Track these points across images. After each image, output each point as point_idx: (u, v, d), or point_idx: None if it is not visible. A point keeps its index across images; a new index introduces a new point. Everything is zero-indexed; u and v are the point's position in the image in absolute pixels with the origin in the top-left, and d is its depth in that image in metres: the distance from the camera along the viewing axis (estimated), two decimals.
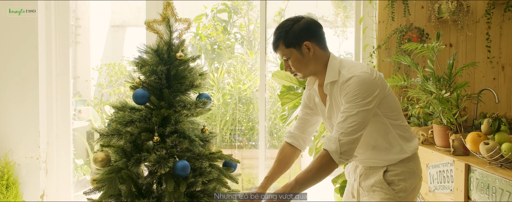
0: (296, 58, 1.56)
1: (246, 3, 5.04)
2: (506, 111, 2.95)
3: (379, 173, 1.61)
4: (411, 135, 1.63)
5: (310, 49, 1.54)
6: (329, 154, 1.44)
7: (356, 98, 1.45)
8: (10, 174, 2.74)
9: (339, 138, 1.43)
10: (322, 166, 1.45)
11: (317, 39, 1.57)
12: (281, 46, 1.56)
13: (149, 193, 1.72)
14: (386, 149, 1.60)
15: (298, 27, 1.55)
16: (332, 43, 5.53)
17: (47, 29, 2.93)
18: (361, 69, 1.50)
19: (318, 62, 1.57)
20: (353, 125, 1.43)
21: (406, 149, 1.59)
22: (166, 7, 1.80)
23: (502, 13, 2.93)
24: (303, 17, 1.58)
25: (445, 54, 2.92)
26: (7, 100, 2.83)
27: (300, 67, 1.57)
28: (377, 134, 1.59)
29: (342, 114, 1.47)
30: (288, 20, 1.59)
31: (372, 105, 1.46)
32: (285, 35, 1.54)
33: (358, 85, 1.46)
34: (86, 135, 4.77)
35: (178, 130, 1.75)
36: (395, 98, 1.60)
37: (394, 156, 1.59)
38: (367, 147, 1.62)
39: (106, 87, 5.08)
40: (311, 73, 1.60)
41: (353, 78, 1.47)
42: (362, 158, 1.66)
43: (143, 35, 3.09)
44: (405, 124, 1.62)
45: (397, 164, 1.60)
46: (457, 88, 2.18)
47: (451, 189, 2.05)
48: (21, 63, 2.83)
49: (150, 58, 1.80)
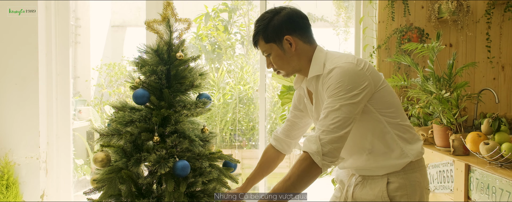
0: (277, 54, 1.40)
1: (247, 3, 5.04)
2: (506, 111, 2.94)
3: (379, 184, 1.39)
4: (413, 136, 1.40)
5: (292, 44, 1.38)
6: (310, 157, 1.24)
7: (339, 91, 1.27)
8: (10, 174, 2.74)
9: (320, 137, 1.24)
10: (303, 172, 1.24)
11: (300, 32, 1.40)
12: (261, 41, 1.42)
13: (149, 193, 1.73)
14: (385, 154, 1.38)
15: (278, 20, 1.39)
16: (332, 43, 5.53)
17: (47, 29, 2.93)
18: (345, 60, 1.32)
19: (301, 57, 1.41)
20: (336, 121, 1.24)
21: (407, 152, 1.37)
22: (166, 7, 1.80)
23: (502, 13, 2.93)
24: (284, 8, 1.42)
25: (445, 54, 2.92)
26: (7, 100, 2.83)
27: (282, 64, 1.42)
28: (373, 135, 1.38)
29: (324, 110, 1.28)
30: (267, 12, 1.43)
31: (359, 98, 1.27)
32: (264, 29, 1.40)
33: (340, 76, 1.28)
34: (86, 135, 4.77)
35: (178, 130, 1.75)
36: (392, 94, 1.40)
37: (394, 161, 1.37)
38: (363, 152, 1.42)
39: (106, 87, 5.08)
40: (295, 70, 1.44)
41: (335, 70, 1.30)
42: (357, 165, 1.45)
43: (143, 35, 3.09)
44: (405, 123, 1.40)
45: (399, 174, 1.37)
46: (457, 88, 2.18)
47: (451, 189, 2.05)
48: (21, 63, 2.83)
49: (150, 58, 1.80)
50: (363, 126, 1.37)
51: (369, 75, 1.32)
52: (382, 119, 1.37)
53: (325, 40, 5.41)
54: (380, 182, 1.39)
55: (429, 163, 2.27)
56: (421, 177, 1.40)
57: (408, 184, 1.37)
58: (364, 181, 1.45)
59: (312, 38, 1.44)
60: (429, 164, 2.27)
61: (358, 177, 1.47)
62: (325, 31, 5.45)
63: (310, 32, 1.45)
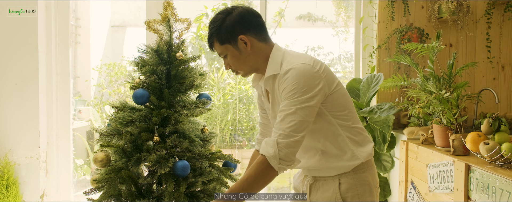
0: (233, 54, 1.40)
1: (247, 3, 5.04)
2: (506, 111, 2.95)
3: (332, 186, 1.42)
4: (364, 139, 1.43)
5: (247, 43, 1.37)
6: (267, 160, 1.26)
7: (294, 93, 1.27)
8: (10, 174, 2.74)
9: (277, 141, 1.26)
10: (259, 175, 1.27)
11: (254, 30, 1.39)
12: (216, 43, 1.41)
13: (149, 193, 1.72)
14: (337, 155, 1.40)
15: (230, 21, 1.37)
16: (332, 43, 5.53)
17: (47, 29, 2.93)
18: (302, 61, 1.32)
19: (258, 56, 1.40)
20: (292, 125, 1.25)
21: (358, 155, 1.40)
22: (166, 7, 1.80)
23: (502, 13, 2.93)
24: (236, 8, 1.40)
25: (445, 54, 2.92)
26: (7, 100, 2.83)
27: (239, 64, 1.41)
28: (325, 137, 1.40)
29: (280, 113, 1.29)
30: (219, 13, 1.41)
31: (314, 101, 1.28)
32: (218, 31, 1.38)
33: (296, 78, 1.28)
34: (86, 135, 4.77)
35: (178, 130, 1.75)
36: (345, 96, 1.41)
37: (345, 163, 1.40)
38: (315, 153, 1.44)
39: (106, 87, 5.08)
40: (252, 69, 1.44)
41: (291, 71, 1.29)
42: (310, 165, 1.47)
43: (143, 35, 3.09)
44: (357, 126, 1.42)
45: (349, 174, 1.40)
46: (457, 88, 2.18)
47: (451, 189, 2.05)
48: (21, 63, 2.83)
49: (150, 58, 1.80)
50: (316, 128, 1.38)
51: (324, 77, 1.32)
52: (335, 122, 1.38)
53: (324, 40, 5.41)
54: (332, 184, 1.42)
55: (429, 163, 2.27)
56: (370, 176, 1.44)
57: (358, 184, 1.40)
58: (316, 182, 1.47)
59: (267, 36, 1.44)
60: (429, 164, 2.27)
61: (310, 179, 1.49)
62: (324, 31, 5.45)
63: (265, 30, 1.43)
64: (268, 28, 1.51)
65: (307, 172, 1.52)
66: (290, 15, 5.27)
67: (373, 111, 2.60)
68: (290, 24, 5.33)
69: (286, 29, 5.30)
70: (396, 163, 2.72)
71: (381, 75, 2.71)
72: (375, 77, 2.74)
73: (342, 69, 5.40)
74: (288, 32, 5.48)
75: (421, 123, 2.57)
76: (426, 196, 2.31)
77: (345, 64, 5.41)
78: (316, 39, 5.56)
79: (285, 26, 5.13)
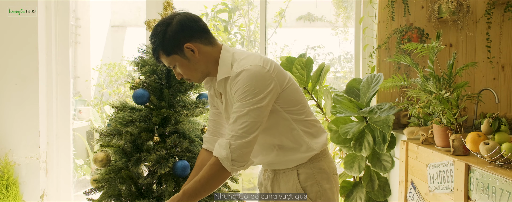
0: (182, 64, 1.38)
1: (247, 3, 5.04)
2: (506, 111, 2.94)
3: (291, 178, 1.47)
4: (318, 130, 1.48)
5: (194, 50, 1.36)
6: (220, 162, 1.29)
7: (246, 95, 1.29)
8: (10, 174, 2.74)
9: (230, 142, 1.28)
10: (212, 176, 1.29)
11: (198, 36, 1.37)
12: (162, 55, 1.38)
13: (149, 193, 1.72)
14: (293, 149, 1.45)
15: (171, 31, 1.35)
16: (332, 43, 5.53)
17: (47, 29, 2.93)
18: (252, 62, 1.33)
19: (208, 61, 1.40)
20: (244, 126, 1.28)
21: (313, 146, 1.45)
22: (166, 7, 1.80)
23: (502, 13, 2.93)
24: (174, 17, 1.38)
25: (445, 54, 2.92)
26: (7, 100, 2.83)
27: (190, 72, 1.40)
28: (280, 133, 1.44)
29: (233, 114, 1.31)
30: (158, 25, 1.39)
31: (266, 101, 1.30)
32: (162, 44, 1.36)
33: (247, 80, 1.29)
34: (86, 135, 4.77)
35: (178, 130, 1.75)
36: (297, 91, 1.44)
37: (302, 155, 1.45)
38: (272, 148, 1.47)
39: (106, 87, 5.08)
40: (204, 74, 1.43)
41: (242, 73, 1.30)
42: (268, 161, 1.51)
43: (143, 35, 3.09)
44: (310, 118, 1.46)
45: (306, 164, 1.46)
46: (457, 88, 2.18)
47: (451, 189, 2.05)
48: (21, 63, 2.83)
49: (150, 58, 1.80)
50: (271, 125, 1.41)
51: (275, 77, 1.34)
52: (288, 117, 1.42)
53: (324, 40, 5.41)
54: (291, 175, 1.47)
55: (429, 163, 2.27)
56: (326, 164, 1.48)
57: (316, 173, 1.46)
58: (276, 175, 1.51)
59: (212, 39, 1.42)
60: (429, 164, 2.27)
61: (270, 173, 1.53)
62: (324, 31, 5.45)
63: (209, 33, 1.42)
64: (268, 27, 1.51)
65: (266, 166, 1.56)
66: (290, 15, 5.27)
67: (373, 111, 2.60)
68: (290, 24, 5.34)
69: (286, 29, 5.30)
70: (396, 163, 2.73)
71: (381, 75, 2.71)
72: (375, 77, 2.74)
73: (342, 69, 5.40)
74: (288, 32, 5.49)
75: (421, 123, 2.57)
76: (426, 196, 2.31)
77: (345, 64, 5.42)
78: (316, 39, 5.56)
79: (285, 26, 5.14)
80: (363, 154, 2.67)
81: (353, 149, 2.71)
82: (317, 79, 2.93)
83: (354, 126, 2.69)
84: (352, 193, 2.91)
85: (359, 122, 2.73)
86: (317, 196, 1.45)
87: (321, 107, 3.02)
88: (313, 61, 2.97)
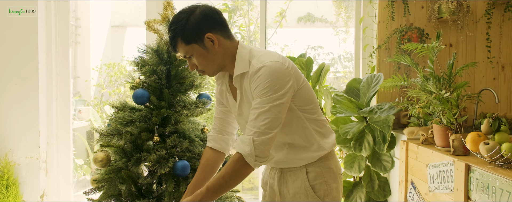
0: (200, 54, 1.37)
1: (247, 3, 5.04)
2: (506, 111, 2.94)
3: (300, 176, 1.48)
4: (327, 130, 1.51)
5: (214, 41, 1.36)
6: (243, 158, 1.30)
7: (267, 91, 1.30)
8: (10, 174, 2.74)
9: (253, 138, 1.29)
10: (236, 172, 1.31)
11: (219, 28, 1.38)
12: (180, 43, 1.37)
13: (149, 193, 1.73)
14: (304, 147, 1.47)
15: (195, 19, 1.35)
16: (332, 43, 5.53)
17: (47, 29, 2.93)
18: (271, 58, 1.34)
19: (226, 54, 1.40)
20: (267, 122, 1.29)
21: (324, 146, 1.47)
22: (166, 7, 1.80)
23: (502, 13, 2.93)
24: (198, 6, 1.38)
25: (445, 54, 2.92)
26: (7, 100, 2.83)
27: (206, 63, 1.39)
28: (293, 131, 1.45)
29: (254, 110, 1.31)
30: (181, 13, 1.38)
31: (286, 98, 1.32)
32: (182, 31, 1.35)
33: (268, 76, 1.30)
34: (86, 135, 4.77)
35: (178, 130, 1.75)
36: (310, 90, 1.46)
37: (313, 154, 1.47)
38: (283, 146, 1.49)
39: (106, 87, 5.08)
40: (220, 67, 1.43)
41: (263, 69, 1.31)
42: (277, 159, 1.51)
43: (143, 35, 3.09)
44: (321, 118, 1.49)
45: (315, 163, 1.48)
46: (457, 88, 2.18)
47: (451, 189, 2.05)
48: (21, 63, 2.83)
49: (150, 58, 1.80)
50: (284, 123, 1.41)
51: (293, 74, 1.36)
52: (302, 116, 1.44)
53: (324, 40, 5.41)
54: (300, 173, 1.48)
55: (429, 163, 2.27)
56: (334, 164, 1.51)
57: (324, 172, 1.48)
58: (283, 174, 1.52)
59: (231, 34, 1.43)
60: (429, 164, 2.27)
61: (277, 171, 1.54)
62: (325, 31, 5.45)
63: (228, 27, 1.43)
64: (268, 28, 1.51)
65: (273, 164, 1.56)
66: (291, 15, 5.27)
67: (373, 111, 2.60)
68: (291, 24, 5.34)
69: (286, 29, 5.31)
70: (396, 163, 2.73)
71: (381, 75, 2.71)
72: (375, 77, 2.75)
73: (342, 69, 5.40)
74: (289, 32, 5.49)
75: (421, 123, 2.57)
76: (426, 196, 2.31)
77: (345, 64, 5.42)
78: (316, 39, 5.57)
79: (285, 26, 5.14)
80: (363, 154, 2.67)
81: (353, 149, 2.71)
82: (317, 79, 2.93)
83: (354, 126, 2.69)
84: (352, 193, 2.91)
85: (359, 122, 2.73)
86: (325, 195, 1.47)
87: (321, 107, 3.02)
88: (313, 61, 2.97)
